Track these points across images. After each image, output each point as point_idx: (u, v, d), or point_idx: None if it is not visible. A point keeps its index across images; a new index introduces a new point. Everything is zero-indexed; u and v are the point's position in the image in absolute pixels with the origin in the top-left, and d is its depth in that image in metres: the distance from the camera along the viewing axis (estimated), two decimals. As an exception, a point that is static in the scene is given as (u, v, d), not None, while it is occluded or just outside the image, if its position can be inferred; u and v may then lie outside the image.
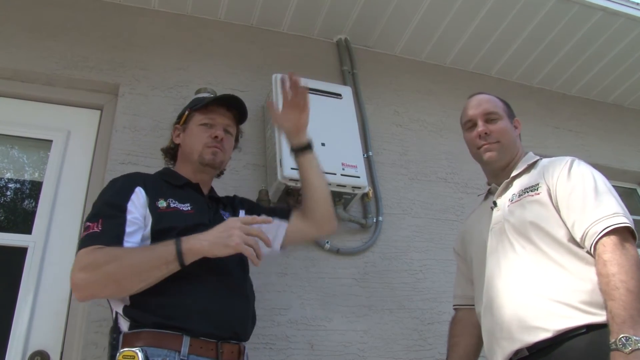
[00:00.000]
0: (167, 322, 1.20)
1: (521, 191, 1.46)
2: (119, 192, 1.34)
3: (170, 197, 1.38)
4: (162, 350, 1.17)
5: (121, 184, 1.37)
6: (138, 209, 1.30)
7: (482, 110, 1.58)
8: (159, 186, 1.41)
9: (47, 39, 2.16)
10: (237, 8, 2.51)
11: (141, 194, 1.33)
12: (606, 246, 1.23)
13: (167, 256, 1.17)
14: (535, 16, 2.68)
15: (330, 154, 2.06)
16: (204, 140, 1.50)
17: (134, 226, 1.27)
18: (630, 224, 1.25)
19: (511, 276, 1.37)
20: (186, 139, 1.54)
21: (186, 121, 1.56)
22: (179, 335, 1.19)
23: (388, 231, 2.27)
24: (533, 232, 1.37)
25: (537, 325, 1.27)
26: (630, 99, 3.37)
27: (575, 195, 1.34)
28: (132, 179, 1.39)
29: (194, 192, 1.47)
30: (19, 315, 1.69)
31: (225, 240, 1.18)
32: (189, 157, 1.52)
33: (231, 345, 1.28)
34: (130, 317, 1.22)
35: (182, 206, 1.37)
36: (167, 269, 1.18)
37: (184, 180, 1.48)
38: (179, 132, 1.58)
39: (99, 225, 1.24)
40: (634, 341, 1.09)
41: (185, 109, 1.61)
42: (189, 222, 1.32)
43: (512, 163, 1.56)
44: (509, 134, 1.56)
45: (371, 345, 1.97)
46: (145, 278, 1.18)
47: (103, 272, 1.17)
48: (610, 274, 1.19)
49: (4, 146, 2.04)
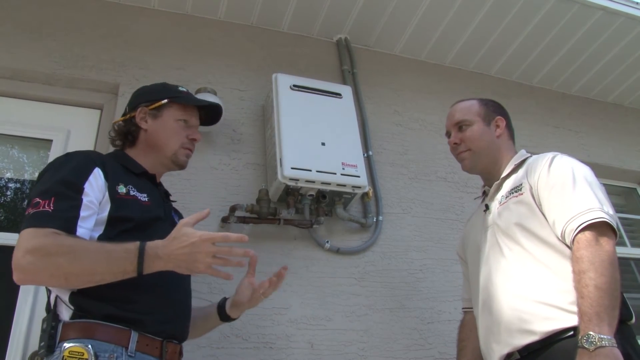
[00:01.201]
0: (117, 313, 1.13)
1: (508, 192, 1.46)
2: (75, 170, 1.21)
3: (129, 183, 1.29)
4: (109, 345, 1.09)
5: (79, 161, 1.25)
6: (95, 192, 1.19)
7: (454, 121, 1.62)
8: (116, 170, 1.31)
9: (47, 39, 2.16)
10: (237, 7, 2.50)
11: (99, 176, 1.23)
12: (580, 243, 1.23)
13: (126, 266, 1.08)
14: (535, 16, 2.68)
15: (330, 154, 2.06)
16: (182, 139, 1.44)
17: (89, 210, 1.16)
18: (607, 218, 1.24)
19: (500, 279, 1.38)
20: (159, 130, 1.42)
21: (159, 108, 1.44)
22: (127, 330, 1.12)
23: (388, 231, 2.27)
24: (519, 233, 1.37)
25: (526, 328, 1.27)
26: (630, 99, 3.37)
27: (554, 192, 1.34)
28: (90, 157, 1.28)
29: (149, 183, 1.39)
30: (19, 316, 1.69)
31: (189, 266, 1.09)
32: (157, 148, 1.42)
33: (174, 345, 1.23)
34: (77, 305, 1.13)
35: (140, 195, 1.29)
36: (123, 277, 1.10)
37: (141, 169, 1.40)
38: (145, 115, 1.43)
39: (50, 203, 1.12)
40: (598, 339, 1.10)
41: (159, 94, 1.47)
42: (148, 214, 1.27)
43: (499, 164, 1.56)
44: (480, 139, 1.56)
45: (371, 344, 1.98)
46: (97, 280, 1.10)
47: (53, 262, 1.07)
48: (581, 271, 1.19)
49: (4, 146, 2.04)
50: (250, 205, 1.97)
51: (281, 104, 2.12)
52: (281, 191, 2.02)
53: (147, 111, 1.44)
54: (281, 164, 1.97)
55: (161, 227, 1.29)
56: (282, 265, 1.41)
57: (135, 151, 1.43)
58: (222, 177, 2.11)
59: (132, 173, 1.36)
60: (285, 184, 1.96)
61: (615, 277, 1.18)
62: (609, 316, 1.13)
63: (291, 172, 1.95)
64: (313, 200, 2.07)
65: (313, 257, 2.07)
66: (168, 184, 1.67)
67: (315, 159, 2.02)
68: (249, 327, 1.84)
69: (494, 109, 1.63)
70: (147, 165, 1.42)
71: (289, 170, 1.95)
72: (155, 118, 1.43)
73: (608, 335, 1.10)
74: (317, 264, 2.06)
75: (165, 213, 1.39)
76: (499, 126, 1.60)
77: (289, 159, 1.98)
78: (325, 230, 2.15)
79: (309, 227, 2.07)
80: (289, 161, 1.97)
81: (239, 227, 2.01)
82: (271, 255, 2.00)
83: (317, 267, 2.06)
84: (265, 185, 2.06)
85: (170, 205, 1.50)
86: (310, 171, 1.98)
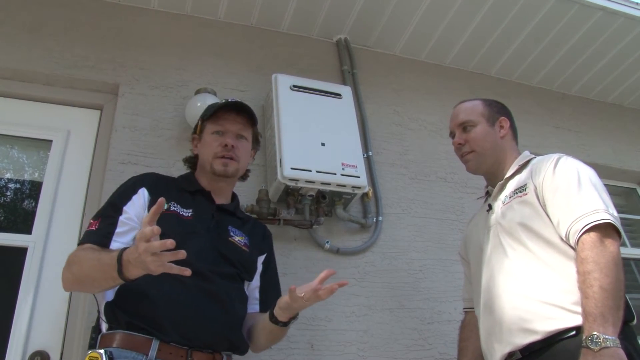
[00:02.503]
0: (139, 324, 1.20)
1: (512, 193, 1.46)
2: (122, 192, 1.39)
3: (173, 200, 1.39)
4: (130, 353, 1.17)
5: (129, 185, 1.43)
6: (135, 210, 1.33)
7: (458, 121, 1.62)
8: (169, 189, 1.43)
9: (47, 39, 2.15)
10: (237, 8, 2.50)
11: (143, 195, 1.37)
12: (585, 244, 1.23)
13: (112, 272, 1.12)
14: (535, 16, 2.68)
15: (330, 154, 2.06)
16: (214, 149, 1.51)
17: (125, 227, 1.30)
18: (612, 220, 1.24)
19: (503, 279, 1.38)
20: (201, 149, 1.57)
21: (201, 131, 1.58)
22: (149, 339, 1.19)
23: (388, 231, 2.27)
24: (523, 233, 1.37)
25: (528, 327, 1.27)
26: (629, 99, 3.37)
27: (559, 193, 1.34)
28: (141, 180, 1.44)
29: (203, 200, 1.49)
30: (19, 315, 1.69)
31: (144, 267, 1.06)
32: (203, 167, 1.54)
33: (204, 354, 1.25)
34: (107, 317, 1.24)
35: (182, 211, 1.39)
36: (115, 283, 1.17)
37: (196, 186, 1.51)
38: (196, 142, 1.61)
39: (97, 224, 1.30)
40: (602, 339, 1.10)
41: (199, 118, 1.63)
42: (181, 228, 1.33)
43: (503, 164, 1.56)
44: (484, 140, 1.57)
45: (371, 345, 1.98)
46: (100, 285, 1.21)
47: (71, 272, 1.24)
48: (586, 271, 1.19)
49: (4, 146, 2.04)
50: (250, 206, 1.97)
51: (281, 104, 2.12)
52: (281, 191, 2.02)
53: (195, 137, 1.61)
54: (281, 164, 1.97)
55: (196, 240, 1.34)
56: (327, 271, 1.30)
57: (197, 174, 1.59)
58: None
59: (187, 191, 1.48)
60: (285, 184, 1.96)
61: (619, 278, 1.18)
62: (614, 317, 1.13)
63: (291, 173, 1.95)
64: (313, 200, 2.07)
65: (313, 258, 2.07)
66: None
67: (315, 159, 2.02)
68: (248, 327, 1.84)
69: (497, 109, 1.63)
70: (204, 183, 1.53)
71: (289, 170, 1.95)
72: (200, 141, 1.58)
73: (612, 335, 1.11)
74: (317, 265, 2.06)
75: (210, 227, 1.42)
76: (503, 127, 1.60)
77: (288, 159, 1.98)
78: (325, 230, 2.15)
79: (309, 228, 2.07)
80: (289, 161, 1.97)
81: (238, 228, 2.01)
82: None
83: (317, 268, 2.06)
84: (265, 186, 2.06)
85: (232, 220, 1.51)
86: (310, 171, 1.98)
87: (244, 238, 1.51)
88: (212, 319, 1.29)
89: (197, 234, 1.37)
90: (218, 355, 1.29)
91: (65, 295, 1.75)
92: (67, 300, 1.76)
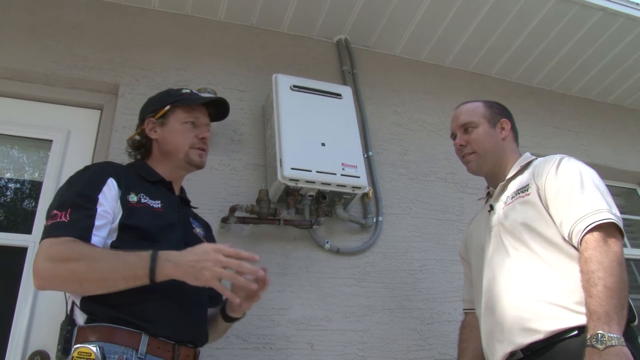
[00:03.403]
0: (126, 318, 1.16)
1: (513, 193, 1.47)
2: (90, 182, 1.28)
3: (141, 191, 1.34)
4: (119, 347, 1.13)
5: (93, 173, 1.32)
6: (109, 202, 1.25)
7: (459, 123, 1.63)
8: (131, 179, 1.36)
9: (47, 39, 2.15)
10: (237, 8, 2.51)
11: (113, 186, 1.28)
12: (588, 243, 1.24)
13: (137, 271, 1.12)
14: (535, 16, 2.68)
15: (330, 154, 2.06)
16: (191, 140, 1.46)
17: (103, 220, 1.22)
18: (615, 220, 1.25)
19: (505, 279, 1.38)
20: (167, 136, 1.46)
21: (165, 116, 1.48)
22: (138, 333, 1.16)
23: (388, 231, 2.27)
24: (525, 233, 1.38)
25: (530, 327, 1.27)
26: (630, 99, 3.37)
27: (562, 193, 1.35)
28: (104, 169, 1.34)
29: (165, 190, 1.43)
30: (19, 315, 1.69)
31: (196, 273, 1.11)
32: (170, 154, 1.46)
33: (188, 349, 1.25)
34: (87, 310, 1.18)
35: (152, 202, 1.33)
36: (135, 282, 1.13)
37: (157, 176, 1.44)
38: (154, 125, 1.49)
39: (67, 214, 1.19)
40: (607, 338, 1.10)
41: (162, 102, 1.52)
42: (159, 221, 1.30)
43: (504, 166, 1.57)
44: (486, 141, 1.57)
45: (371, 345, 1.97)
46: (109, 285, 1.14)
47: (69, 268, 1.12)
48: (590, 271, 1.20)
49: (4, 146, 2.04)
50: (250, 206, 1.97)
51: (281, 104, 2.12)
52: (281, 191, 2.02)
53: (154, 121, 1.49)
54: (281, 164, 1.97)
55: (173, 232, 1.33)
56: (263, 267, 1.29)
57: (152, 161, 1.49)
58: (222, 178, 2.11)
59: (148, 181, 1.40)
60: (285, 184, 1.96)
61: (623, 277, 1.19)
62: (618, 315, 1.13)
63: (291, 173, 1.95)
64: (313, 200, 2.07)
65: (313, 258, 2.07)
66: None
67: (315, 160, 2.02)
68: (248, 327, 1.84)
69: (499, 111, 1.64)
70: (164, 172, 1.46)
71: (289, 170, 1.95)
72: (162, 126, 1.48)
73: (617, 334, 1.11)
74: (317, 265, 2.06)
75: (180, 219, 1.41)
76: (504, 128, 1.61)
77: (289, 159, 1.98)
78: (325, 230, 2.15)
79: (309, 228, 2.07)
80: (289, 161, 1.97)
81: (238, 228, 2.01)
82: (271, 255, 2.00)
83: (317, 268, 2.06)
84: (265, 186, 2.06)
85: (189, 212, 1.52)
86: (310, 171, 1.98)
87: (201, 229, 1.51)
88: (195, 315, 1.30)
89: (174, 226, 1.35)
90: (197, 349, 1.30)
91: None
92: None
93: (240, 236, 2.01)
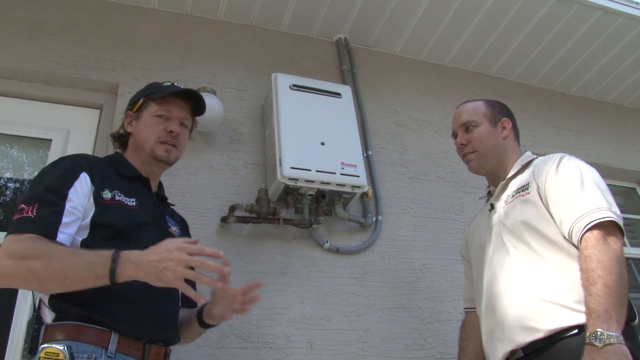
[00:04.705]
0: (95, 316, 1.12)
1: (514, 192, 1.47)
2: (61, 176, 1.22)
3: (116, 188, 1.29)
4: (87, 346, 1.09)
5: (66, 167, 1.26)
6: (79, 198, 1.20)
7: (460, 122, 1.63)
8: (106, 174, 1.31)
9: (47, 38, 2.15)
10: (237, 7, 2.50)
11: (85, 181, 1.23)
12: (588, 241, 1.24)
13: (97, 270, 1.07)
14: (535, 15, 2.68)
15: (329, 153, 2.06)
16: (158, 133, 1.40)
17: (72, 216, 1.17)
18: (615, 218, 1.25)
19: (505, 278, 1.39)
20: (139, 129, 1.42)
21: (140, 109, 1.44)
22: (107, 332, 1.13)
23: (387, 230, 2.27)
24: (526, 232, 1.38)
25: (530, 325, 1.28)
26: (629, 98, 3.37)
27: (562, 192, 1.35)
28: (78, 162, 1.28)
29: (142, 187, 1.39)
30: (19, 315, 1.69)
31: (158, 273, 1.05)
32: (140, 148, 1.42)
33: (158, 347, 1.23)
34: (56, 308, 1.14)
35: (127, 200, 1.29)
36: (95, 282, 1.07)
37: (134, 172, 1.39)
38: (131, 119, 1.45)
39: (34, 210, 1.14)
40: (606, 336, 1.10)
41: (138, 95, 1.49)
42: (132, 219, 1.26)
43: (505, 165, 1.57)
44: (487, 140, 1.57)
45: (371, 344, 1.98)
46: (69, 285, 1.08)
47: (27, 266, 1.08)
48: (590, 269, 1.20)
49: (4, 145, 2.04)
50: (249, 205, 1.97)
51: (281, 103, 2.13)
52: (280, 191, 2.02)
53: (131, 114, 1.46)
54: (281, 163, 1.97)
55: (147, 231, 1.28)
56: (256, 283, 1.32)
57: (128, 154, 1.45)
58: (222, 177, 2.11)
59: (124, 176, 1.35)
60: (284, 183, 1.97)
61: (623, 275, 1.19)
62: (617, 314, 1.13)
63: (290, 172, 1.95)
64: (312, 199, 2.07)
65: (312, 257, 2.07)
66: (167, 184, 1.67)
67: (315, 159, 2.02)
68: (248, 326, 1.84)
69: (500, 110, 1.64)
70: (137, 165, 1.41)
71: (289, 169, 1.95)
72: (137, 119, 1.44)
73: (616, 332, 1.11)
74: (317, 264, 2.06)
75: (155, 217, 1.37)
76: (505, 127, 1.61)
77: (288, 158, 1.98)
78: (325, 230, 2.15)
79: (309, 227, 2.07)
80: (289, 161, 1.97)
81: (238, 227, 2.01)
82: (271, 255, 2.00)
83: (317, 267, 2.06)
84: (265, 185, 2.06)
85: (165, 210, 1.48)
86: (310, 171, 1.98)
87: (177, 228, 1.48)
88: (166, 314, 1.28)
89: (148, 225, 1.31)
90: (168, 348, 1.28)
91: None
92: (66, 299, 1.76)
93: (239, 235, 2.01)
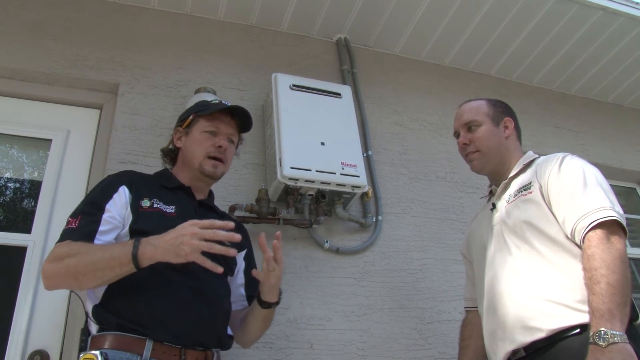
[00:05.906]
0: (130, 325, 1.19)
1: (516, 191, 1.47)
2: (102, 190, 1.37)
3: (155, 197, 1.38)
4: (124, 354, 1.16)
5: (107, 182, 1.41)
6: (117, 209, 1.32)
7: (462, 121, 1.63)
8: (148, 186, 1.42)
9: (47, 38, 2.15)
10: (237, 7, 2.50)
11: (124, 193, 1.35)
12: (591, 240, 1.23)
13: (122, 258, 1.16)
14: (535, 15, 2.68)
15: (329, 153, 2.06)
16: (207, 149, 1.49)
17: (109, 225, 1.29)
18: (618, 217, 1.25)
19: (507, 277, 1.38)
20: (188, 144, 1.52)
21: (189, 125, 1.54)
22: (142, 339, 1.19)
23: (388, 230, 2.27)
24: (528, 232, 1.37)
25: (532, 325, 1.27)
26: (629, 99, 3.37)
27: (564, 191, 1.35)
28: (119, 178, 1.41)
29: (184, 196, 1.47)
30: (19, 315, 1.69)
31: (176, 249, 1.13)
32: (189, 163, 1.51)
33: (196, 352, 1.25)
34: (97, 319, 1.24)
35: (165, 207, 1.38)
36: (122, 270, 1.17)
37: (176, 183, 1.49)
38: (180, 135, 1.56)
39: (77, 221, 1.28)
40: (610, 335, 1.10)
41: (188, 112, 1.59)
42: (167, 225, 1.28)
43: (507, 164, 1.57)
44: (489, 139, 1.57)
45: (371, 344, 1.98)
46: (100, 276, 1.19)
47: (64, 264, 1.20)
48: (593, 268, 1.19)
49: (4, 145, 2.04)
50: (249, 205, 1.97)
51: (281, 103, 2.12)
52: (280, 191, 2.02)
53: (181, 131, 1.56)
54: (281, 163, 1.97)
55: None
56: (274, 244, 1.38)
57: (176, 169, 1.56)
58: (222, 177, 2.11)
59: (166, 188, 1.45)
60: (284, 183, 1.96)
61: (626, 274, 1.18)
62: (621, 313, 1.13)
63: (290, 172, 1.95)
64: (312, 200, 2.07)
65: (312, 257, 2.07)
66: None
67: (315, 159, 2.02)
68: (248, 326, 1.84)
69: (502, 109, 1.64)
70: (185, 179, 1.51)
71: (289, 169, 1.95)
72: (187, 135, 1.54)
73: (620, 331, 1.10)
74: (317, 264, 2.06)
75: None
76: (508, 127, 1.61)
77: (288, 158, 1.98)
78: (325, 230, 2.15)
79: (309, 227, 2.07)
80: (289, 161, 1.97)
81: (238, 227, 2.01)
82: (271, 255, 2.00)
83: (317, 267, 2.06)
84: (265, 185, 2.06)
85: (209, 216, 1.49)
86: (310, 171, 1.98)
87: None
88: (203, 317, 1.29)
89: None
90: (209, 352, 1.30)
91: (64, 294, 1.75)
92: (66, 299, 1.76)
93: (239, 235, 2.00)
